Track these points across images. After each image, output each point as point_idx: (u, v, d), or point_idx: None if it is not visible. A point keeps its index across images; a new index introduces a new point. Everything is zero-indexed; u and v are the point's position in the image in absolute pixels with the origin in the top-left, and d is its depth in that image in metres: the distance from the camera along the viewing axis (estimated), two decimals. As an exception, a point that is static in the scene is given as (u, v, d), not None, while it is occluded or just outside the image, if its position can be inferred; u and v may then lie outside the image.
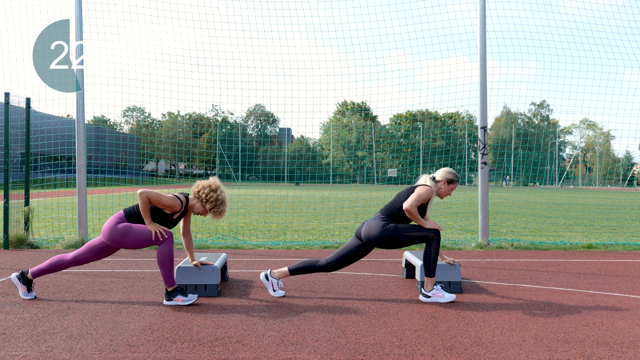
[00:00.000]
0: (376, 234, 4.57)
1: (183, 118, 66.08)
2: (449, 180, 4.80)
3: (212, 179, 4.58)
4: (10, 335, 3.50)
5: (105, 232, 4.38)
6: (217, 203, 4.48)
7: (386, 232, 4.55)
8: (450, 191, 4.84)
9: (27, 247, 7.83)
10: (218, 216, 4.56)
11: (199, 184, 4.54)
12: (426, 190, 4.63)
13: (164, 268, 4.34)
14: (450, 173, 4.81)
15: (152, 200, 4.31)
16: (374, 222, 4.65)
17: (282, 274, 4.80)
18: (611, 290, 5.16)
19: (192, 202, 4.54)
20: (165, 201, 4.34)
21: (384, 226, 4.58)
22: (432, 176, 4.81)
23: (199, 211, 4.55)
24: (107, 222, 4.41)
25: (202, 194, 4.48)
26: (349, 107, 67.25)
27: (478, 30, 8.38)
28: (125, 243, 4.36)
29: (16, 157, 11.17)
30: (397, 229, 4.57)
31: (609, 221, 13.38)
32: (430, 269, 4.59)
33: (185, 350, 3.24)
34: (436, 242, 4.58)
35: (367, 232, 4.64)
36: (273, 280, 4.77)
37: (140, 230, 4.33)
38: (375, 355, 3.18)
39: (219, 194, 4.50)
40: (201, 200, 4.50)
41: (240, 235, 9.54)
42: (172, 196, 4.40)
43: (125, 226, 4.34)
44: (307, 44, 10.25)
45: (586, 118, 73.65)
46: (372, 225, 4.63)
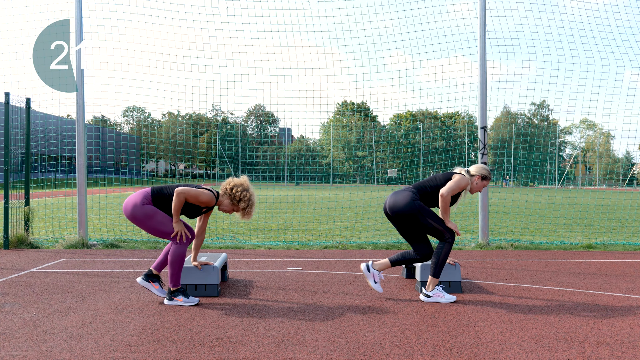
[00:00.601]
0: (402, 205, 4.52)
1: (183, 118, 66.06)
2: (483, 177, 4.78)
3: (244, 177, 4.54)
4: (10, 335, 3.50)
5: (128, 206, 4.31)
6: (249, 203, 4.46)
7: (412, 206, 4.51)
8: (482, 188, 4.82)
9: (27, 247, 7.83)
10: (248, 216, 4.54)
11: (232, 182, 4.49)
12: (465, 180, 4.60)
13: (173, 268, 4.34)
14: (484, 169, 4.80)
15: (190, 199, 4.29)
16: (403, 193, 4.60)
17: (382, 265, 4.72)
18: (611, 290, 5.16)
19: (221, 199, 4.51)
20: (203, 199, 4.32)
21: (414, 200, 4.54)
22: (467, 170, 4.79)
23: (226, 208, 4.52)
24: (133, 197, 4.34)
25: (236, 192, 4.43)
26: (349, 107, 67.23)
27: (478, 30, 8.39)
28: (144, 224, 4.31)
29: (16, 157, 11.17)
30: (423, 210, 4.53)
31: (609, 221, 13.38)
32: (437, 269, 4.58)
33: (185, 350, 3.24)
34: (449, 243, 4.57)
35: (393, 202, 4.59)
36: (375, 272, 4.71)
37: (165, 220, 4.31)
38: (375, 355, 3.18)
39: (251, 193, 4.48)
40: (233, 198, 4.45)
41: (240, 235, 9.53)
42: (209, 194, 4.37)
43: (152, 209, 4.30)
44: (307, 44, 10.25)
45: (586, 118, 73.67)
46: (401, 197, 4.58)
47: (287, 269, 6.19)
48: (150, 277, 4.50)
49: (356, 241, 8.78)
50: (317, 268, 6.30)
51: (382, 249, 8.04)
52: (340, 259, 7.05)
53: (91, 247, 7.93)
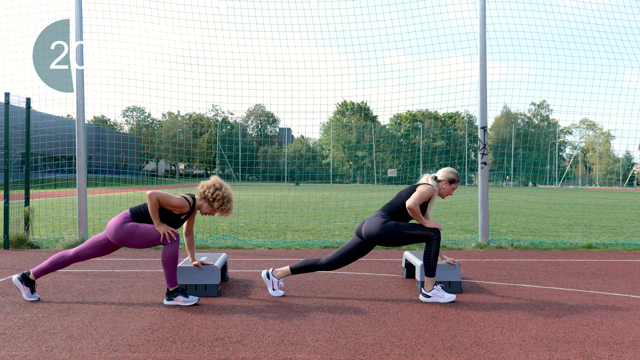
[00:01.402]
0: (376, 231, 4.58)
1: (183, 118, 66.08)
2: (450, 180, 4.81)
3: (214, 177, 4.61)
4: (10, 335, 3.50)
5: (110, 231, 4.37)
6: (224, 201, 4.51)
7: (386, 229, 4.56)
8: (452, 191, 4.86)
9: (27, 247, 7.83)
10: (226, 213, 4.58)
11: (203, 185, 4.55)
12: (428, 189, 4.64)
13: (168, 268, 4.34)
14: (451, 173, 4.83)
15: (162, 201, 4.31)
16: (374, 219, 4.66)
17: (283, 272, 4.80)
18: (611, 290, 5.16)
19: (199, 203, 4.55)
20: (174, 202, 4.34)
21: (384, 223, 4.58)
22: (434, 175, 4.83)
23: (206, 211, 4.56)
24: (113, 221, 4.40)
25: (208, 194, 4.49)
26: (349, 107, 67.24)
27: (478, 30, 8.38)
28: (131, 242, 4.36)
29: (16, 157, 11.17)
30: (398, 227, 4.57)
31: (609, 221, 13.37)
32: (430, 268, 4.60)
33: (185, 350, 3.24)
34: (436, 241, 4.59)
35: (367, 230, 4.64)
36: (274, 279, 4.78)
37: (147, 230, 4.34)
38: (375, 355, 3.18)
39: (224, 191, 4.52)
40: (208, 200, 4.51)
41: (240, 235, 9.54)
42: (180, 197, 4.41)
43: (132, 225, 4.34)
44: (307, 44, 10.25)
45: (586, 118, 73.69)
46: (372, 223, 4.63)
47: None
48: (26, 279, 4.49)
49: (356, 241, 8.77)
50: (317, 268, 6.29)
51: (380, 248, 8.04)
52: (340, 259, 7.05)
53: (91, 247, 7.92)
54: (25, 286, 4.49)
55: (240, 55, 9.45)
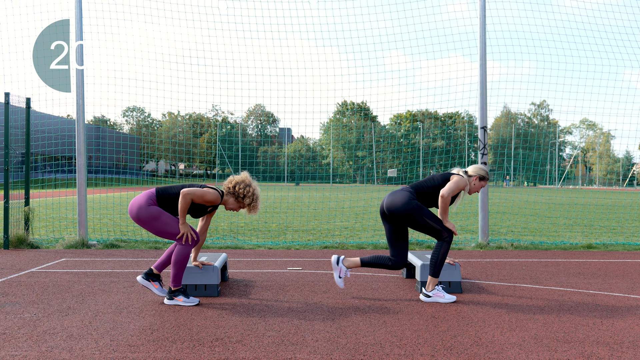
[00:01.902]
0: (400, 204, 4.51)
1: (183, 118, 66.07)
2: (481, 177, 4.77)
3: (244, 173, 4.57)
4: (10, 335, 3.50)
5: (133, 208, 4.32)
6: (254, 198, 4.50)
7: (410, 205, 4.49)
8: (480, 188, 4.81)
9: (27, 247, 7.83)
10: (254, 211, 4.57)
11: (233, 180, 4.51)
12: (463, 180, 4.60)
13: (177, 268, 4.34)
14: (482, 170, 4.79)
15: (196, 199, 4.29)
16: (401, 193, 4.59)
17: (352, 264, 4.72)
18: (611, 290, 5.16)
19: (226, 198, 4.53)
20: (209, 198, 4.34)
21: (411, 199, 4.53)
22: (465, 170, 4.77)
23: (232, 207, 4.54)
24: (138, 198, 4.34)
25: (239, 189, 4.47)
26: (349, 107, 67.25)
27: (478, 30, 8.38)
28: (149, 225, 4.32)
29: (16, 157, 11.17)
30: (421, 209, 4.51)
31: (609, 221, 13.37)
32: (436, 268, 4.58)
33: (185, 350, 3.24)
34: (447, 243, 4.57)
35: (390, 201, 4.58)
36: (342, 266, 4.71)
37: (170, 221, 4.32)
38: (375, 355, 3.18)
39: (254, 188, 4.52)
40: (237, 195, 4.48)
41: (240, 235, 9.54)
42: (215, 192, 4.38)
43: (157, 210, 4.31)
44: (306, 44, 10.25)
45: (586, 118, 73.69)
46: (397, 196, 4.57)
47: (287, 269, 6.19)
48: (151, 276, 4.50)
49: (356, 241, 8.78)
50: (317, 268, 6.30)
51: (382, 248, 8.04)
52: (340, 259, 7.05)
53: (91, 247, 7.93)
54: (153, 282, 4.49)
55: (240, 55, 9.46)
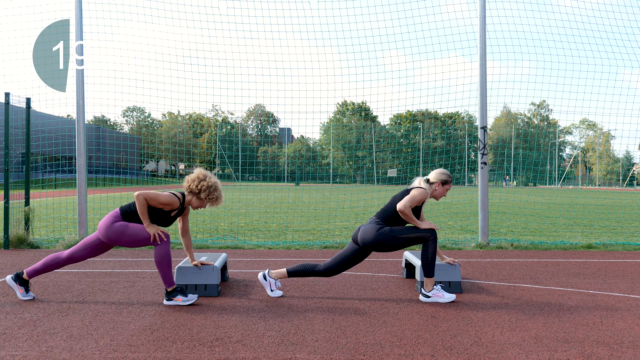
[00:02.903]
0: (371, 238, 4.58)
1: (183, 118, 66.09)
2: (443, 182, 4.83)
3: (197, 170, 4.58)
4: (10, 335, 3.50)
5: (101, 230, 4.38)
6: (210, 190, 4.49)
7: (381, 235, 4.56)
8: (445, 192, 4.88)
9: (27, 247, 7.83)
10: (216, 202, 4.56)
11: (187, 179, 4.55)
12: (420, 192, 4.65)
13: (162, 269, 4.34)
14: (443, 174, 4.84)
15: (150, 200, 4.31)
16: (369, 226, 4.66)
17: (280, 274, 4.81)
18: (611, 290, 5.16)
19: (188, 198, 4.55)
20: (163, 200, 4.34)
21: (379, 230, 4.59)
22: (426, 178, 4.85)
23: (197, 205, 4.55)
24: (104, 220, 4.41)
25: (193, 187, 4.49)
26: (349, 107, 67.25)
27: (478, 30, 8.38)
28: (121, 242, 4.36)
29: (16, 157, 11.18)
30: (392, 232, 4.58)
31: (609, 221, 13.37)
32: (428, 269, 4.60)
33: (185, 350, 3.24)
34: (432, 242, 4.59)
35: (362, 237, 4.65)
36: (271, 280, 4.78)
37: (137, 229, 4.34)
38: (375, 355, 3.18)
39: (208, 181, 4.50)
40: (194, 193, 4.50)
41: (240, 235, 9.53)
42: (169, 194, 4.40)
43: (121, 225, 4.34)
44: (306, 44, 10.25)
45: (586, 118, 73.72)
46: (367, 230, 4.64)
47: (287, 269, 6.18)
48: (20, 279, 4.50)
49: (356, 241, 8.77)
50: (317, 268, 6.29)
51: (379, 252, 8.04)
52: (340, 259, 7.05)
53: (91, 247, 7.92)
54: (19, 286, 4.49)
55: (240, 55, 9.46)
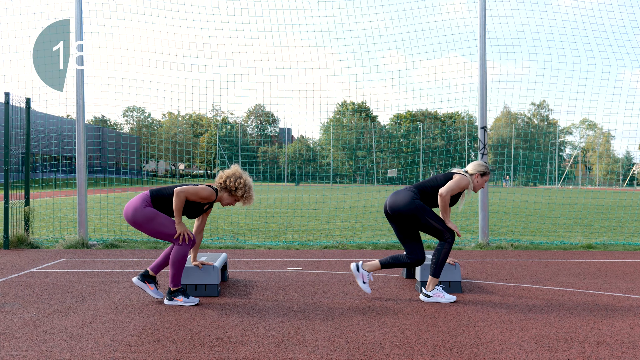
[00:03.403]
0: (403, 204, 4.50)
1: (183, 118, 66.11)
2: (481, 173, 4.75)
3: (233, 166, 4.58)
4: (10, 335, 3.50)
5: (128, 211, 4.32)
6: (246, 188, 4.51)
7: (412, 205, 4.49)
8: (484, 183, 4.79)
9: (27, 247, 7.83)
10: (249, 201, 4.58)
11: (223, 175, 4.53)
12: (465, 179, 4.58)
13: (175, 268, 4.34)
14: (482, 165, 4.77)
15: (190, 197, 4.30)
16: (403, 192, 4.59)
17: (373, 267, 4.72)
18: (611, 290, 5.16)
19: (220, 194, 4.54)
20: (204, 194, 4.34)
21: (414, 199, 4.52)
22: (465, 170, 4.76)
23: (228, 201, 4.56)
24: (133, 201, 4.35)
25: (230, 183, 4.48)
26: (349, 107, 67.26)
27: (478, 30, 8.38)
28: (145, 227, 4.31)
29: (16, 157, 11.17)
30: (424, 209, 4.51)
31: (609, 221, 13.37)
32: (436, 268, 4.58)
33: (185, 350, 3.24)
34: (448, 243, 4.56)
35: (393, 201, 4.57)
36: (364, 272, 4.71)
37: (166, 222, 4.32)
38: (375, 355, 3.18)
39: (245, 179, 4.52)
40: (229, 189, 4.49)
41: (240, 235, 9.53)
42: (208, 188, 4.39)
43: (152, 212, 4.31)
44: (306, 44, 10.25)
45: (586, 118, 73.72)
46: (400, 196, 4.57)
47: (287, 269, 6.19)
48: (147, 277, 4.50)
49: (356, 241, 8.78)
50: (317, 268, 6.30)
51: (382, 248, 8.04)
52: (340, 259, 7.05)
53: (91, 247, 7.93)
54: (148, 284, 4.49)
55: (240, 55, 9.46)
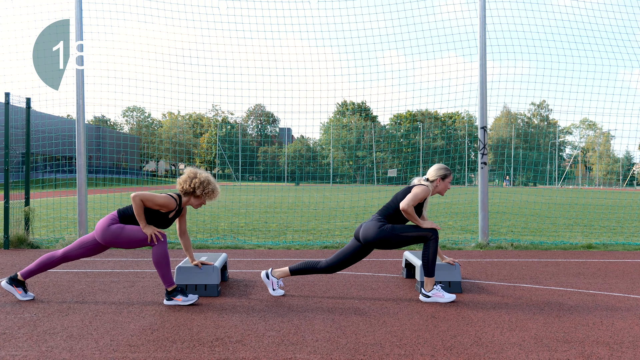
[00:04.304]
0: (373, 235, 4.58)
1: (183, 118, 66.13)
2: (442, 177, 4.80)
3: (186, 169, 4.59)
4: (10, 335, 3.50)
5: (98, 232, 4.39)
6: (204, 185, 4.49)
7: (383, 232, 4.56)
8: (448, 185, 4.84)
9: (27, 247, 7.83)
10: (213, 195, 4.56)
11: (178, 182, 4.55)
12: (422, 190, 4.63)
13: (161, 269, 4.34)
14: (440, 169, 4.80)
15: (146, 202, 4.32)
16: (371, 223, 4.66)
17: (282, 273, 4.81)
18: (611, 290, 5.16)
19: (185, 199, 4.55)
20: (159, 201, 4.35)
21: (381, 227, 4.59)
22: (425, 177, 4.82)
23: (197, 203, 4.57)
24: (101, 222, 4.42)
25: (187, 186, 4.49)
26: (349, 107, 67.27)
27: (478, 30, 8.38)
28: (118, 243, 4.37)
29: (16, 157, 11.18)
30: (394, 230, 4.58)
31: (609, 221, 13.37)
32: (429, 268, 4.59)
33: (185, 350, 3.24)
34: (434, 241, 4.58)
35: (364, 234, 4.65)
36: (273, 279, 4.79)
37: (134, 231, 4.35)
38: (375, 355, 3.18)
39: (199, 177, 4.50)
40: (189, 192, 4.50)
41: (240, 235, 9.53)
42: (165, 195, 4.41)
43: (118, 227, 4.35)
44: (306, 44, 10.25)
45: (586, 118, 73.75)
46: (369, 227, 4.64)
47: (287, 269, 6.18)
48: (15, 281, 4.49)
49: (356, 241, 8.77)
50: (317, 268, 6.29)
51: (380, 249, 8.03)
52: (340, 259, 7.05)
53: (91, 247, 7.92)
54: (16, 287, 4.48)
55: (240, 55, 9.46)
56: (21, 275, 4.50)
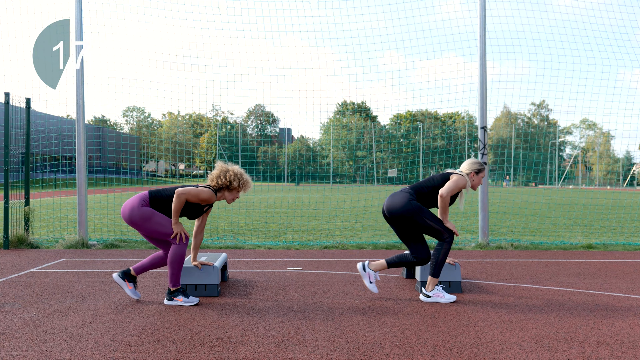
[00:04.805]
0: (400, 206, 4.50)
1: (183, 118, 66.14)
2: (476, 171, 4.75)
3: (217, 164, 4.59)
4: (10, 335, 3.50)
5: (125, 210, 4.33)
6: (238, 177, 4.51)
7: (409, 207, 4.49)
8: (481, 180, 4.79)
9: (27, 247, 7.83)
10: (247, 186, 4.62)
11: (212, 177, 4.54)
12: (462, 179, 4.57)
13: (173, 268, 4.34)
14: (475, 163, 4.76)
15: (191, 199, 4.32)
16: (400, 194, 4.59)
17: (379, 266, 4.71)
18: (611, 290, 5.16)
19: (220, 195, 4.55)
20: (204, 196, 4.35)
21: (411, 200, 4.52)
22: (459, 171, 4.75)
23: (231, 197, 4.58)
24: (130, 200, 4.36)
25: (222, 181, 4.49)
26: (348, 107, 67.28)
27: (478, 30, 8.38)
28: (141, 226, 4.32)
29: (16, 157, 11.18)
30: (421, 210, 4.51)
31: (609, 221, 13.37)
32: (436, 268, 4.57)
33: (185, 350, 3.24)
34: (447, 243, 4.55)
35: (390, 203, 4.57)
36: (370, 272, 4.70)
37: (163, 221, 4.32)
38: (375, 355, 3.18)
39: (232, 170, 4.53)
40: (225, 186, 4.51)
41: (240, 235, 9.53)
42: (208, 190, 4.40)
43: (149, 211, 4.32)
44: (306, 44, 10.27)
45: (586, 118, 73.77)
46: (398, 198, 4.56)
47: (287, 269, 6.19)
48: (127, 276, 4.50)
49: (356, 241, 8.78)
50: (317, 268, 6.30)
51: (382, 249, 8.04)
52: (340, 259, 7.05)
53: (91, 247, 7.93)
54: (127, 282, 4.49)
55: (240, 55, 9.48)
56: (134, 271, 4.51)
